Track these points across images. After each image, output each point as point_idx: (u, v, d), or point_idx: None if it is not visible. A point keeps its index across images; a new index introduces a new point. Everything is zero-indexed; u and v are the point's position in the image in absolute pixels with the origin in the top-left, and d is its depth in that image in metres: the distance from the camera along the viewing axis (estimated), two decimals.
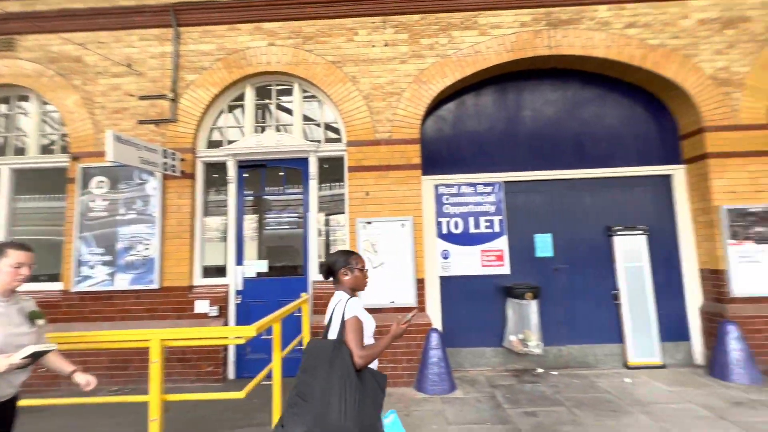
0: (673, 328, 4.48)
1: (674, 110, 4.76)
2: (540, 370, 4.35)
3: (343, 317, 1.70)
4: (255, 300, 4.45)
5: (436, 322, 4.50)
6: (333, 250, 4.48)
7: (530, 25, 4.60)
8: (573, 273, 4.61)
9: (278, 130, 4.80)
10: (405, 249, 4.29)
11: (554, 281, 4.61)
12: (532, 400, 3.58)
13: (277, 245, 4.70)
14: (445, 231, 4.74)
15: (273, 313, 2.67)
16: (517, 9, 4.63)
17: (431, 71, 4.60)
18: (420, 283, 4.31)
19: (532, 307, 4.30)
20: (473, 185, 4.80)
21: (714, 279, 4.29)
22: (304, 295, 3.76)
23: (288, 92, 4.90)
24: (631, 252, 4.47)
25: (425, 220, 4.62)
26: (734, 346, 3.83)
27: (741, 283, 4.12)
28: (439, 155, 4.87)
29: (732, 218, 4.17)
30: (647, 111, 4.85)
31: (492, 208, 4.73)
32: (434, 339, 3.90)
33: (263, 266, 4.57)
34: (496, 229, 4.70)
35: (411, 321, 1.80)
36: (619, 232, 4.53)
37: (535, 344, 4.25)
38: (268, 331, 2.59)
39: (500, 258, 4.63)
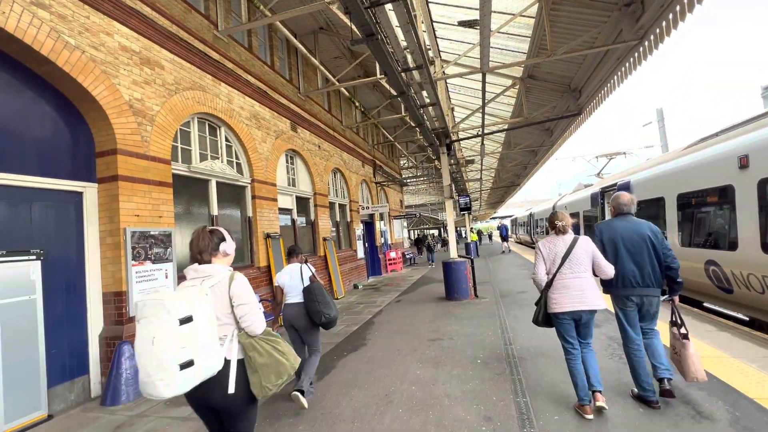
0: (69, 365, 3.95)
1: (92, 124, 4.45)
2: None
3: (310, 271, 3.68)
4: None
5: None
6: None
7: None
8: None
9: None
10: None
11: None
12: None
13: None
14: None
15: None
16: None
17: None
18: None
19: None
20: None
21: (116, 301, 4.28)
22: None
23: None
24: (15, 284, 3.48)
25: None
26: (126, 366, 3.92)
27: None
28: None
29: (135, 240, 4.41)
30: (62, 115, 4.19)
31: None
32: None
33: None
34: None
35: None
36: None
37: None
38: None
39: None
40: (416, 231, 29.40)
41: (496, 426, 2.80)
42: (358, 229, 12.72)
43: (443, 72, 8.27)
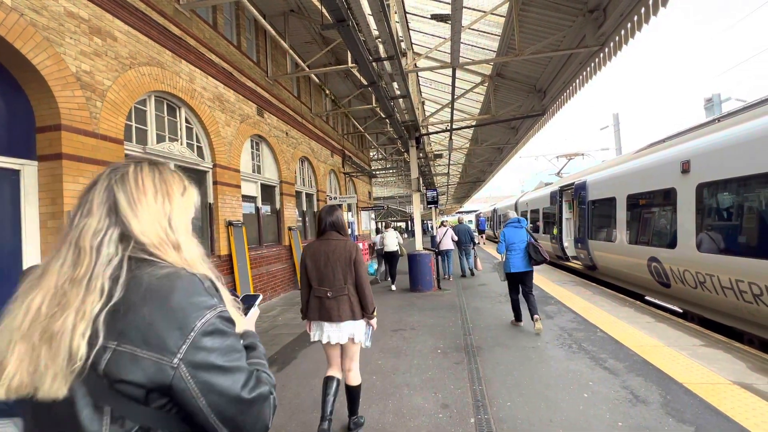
0: None
1: (32, 96, 4.05)
2: None
3: (397, 240, 9.22)
4: None
5: None
6: None
7: None
8: None
9: None
10: None
11: None
12: None
13: None
14: None
15: None
16: None
17: None
18: None
19: None
20: None
21: None
22: None
23: None
24: None
25: None
26: None
27: None
28: None
29: None
30: None
31: None
32: None
33: None
34: None
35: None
36: None
37: None
38: None
39: None
40: (383, 223, 29.51)
41: (452, 413, 2.89)
42: None
43: (414, 64, 8.27)
